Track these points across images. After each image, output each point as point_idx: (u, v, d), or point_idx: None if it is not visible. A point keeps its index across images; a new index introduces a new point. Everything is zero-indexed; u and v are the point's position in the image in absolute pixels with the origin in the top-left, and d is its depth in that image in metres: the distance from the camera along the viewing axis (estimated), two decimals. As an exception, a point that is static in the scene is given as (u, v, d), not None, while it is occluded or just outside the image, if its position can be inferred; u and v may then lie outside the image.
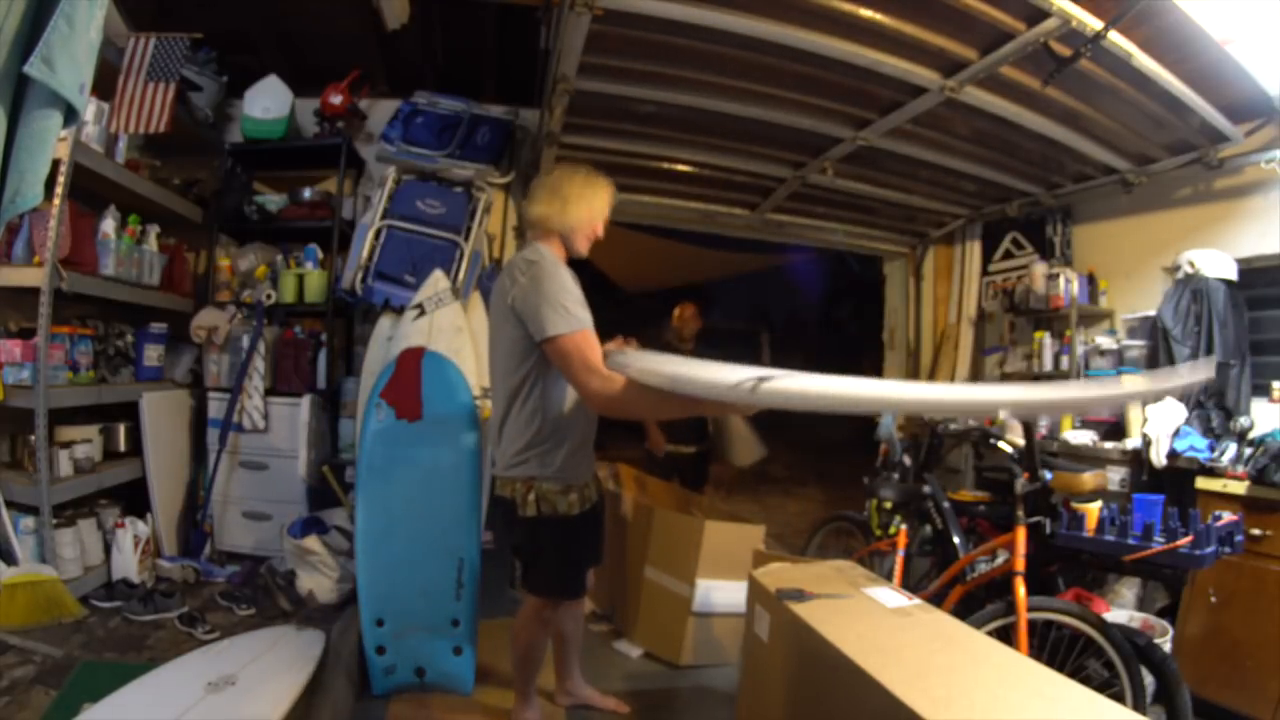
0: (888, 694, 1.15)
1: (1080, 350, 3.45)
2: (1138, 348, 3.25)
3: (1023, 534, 2.02)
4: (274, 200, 3.42)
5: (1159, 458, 2.71)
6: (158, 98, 2.75)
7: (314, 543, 2.69)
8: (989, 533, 2.55)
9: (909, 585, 2.50)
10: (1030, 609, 1.91)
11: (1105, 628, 1.82)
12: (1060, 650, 1.90)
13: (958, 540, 2.46)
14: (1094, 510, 2.06)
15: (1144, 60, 2.34)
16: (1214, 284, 2.91)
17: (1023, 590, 1.92)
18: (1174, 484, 2.60)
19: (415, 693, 2.27)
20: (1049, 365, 3.57)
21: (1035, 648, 1.90)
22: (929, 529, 2.61)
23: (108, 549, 2.69)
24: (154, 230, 3.07)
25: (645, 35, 2.35)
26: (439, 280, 2.78)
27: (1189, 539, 1.83)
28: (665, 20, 2.20)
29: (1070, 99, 2.67)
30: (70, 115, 1.28)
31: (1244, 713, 2.28)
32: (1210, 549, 1.83)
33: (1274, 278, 2.94)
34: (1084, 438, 3.17)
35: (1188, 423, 2.76)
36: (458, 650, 2.24)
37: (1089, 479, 2.54)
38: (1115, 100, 2.67)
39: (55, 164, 2.08)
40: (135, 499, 2.92)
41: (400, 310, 2.88)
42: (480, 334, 2.71)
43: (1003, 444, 2.47)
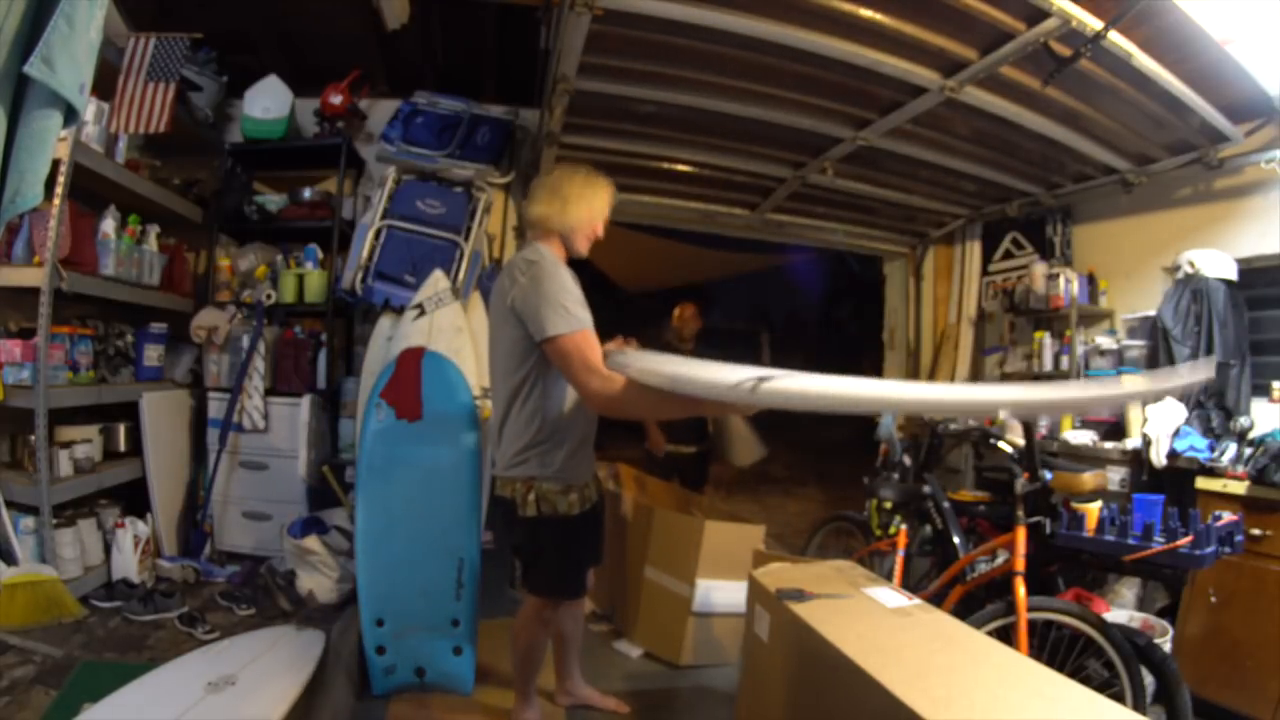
0: (888, 694, 1.15)
1: (1080, 350, 3.45)
2: (1138, 348, 3.25)
3: (1023, 534, 2.02)
4: (274, 200, 3.42)
5: (1159, 458, 2.71)
6: (158, 98, 2.75)
7: (314, 543, 2.69)
8: (989, 533, 2.55)
9: (909, 585, 2.50)
10: (1030, 609, 1.91)
11: (1105, 628, 1.82)
12: (1060, 650, 1.90)
13: (958, 540, 2.46)
14: (1094, 510, 2.06)
15: (1144, 60, 2.34)
16: (1214, 284, 2.91)
17: (1023, 590, 1.92)
18: (1174, 484, 2.61)
19: (415, 693, 2.27)
20: (1049, 365, 3.57)
21: (1035, 648, 1.90)
22: (929, 529, 2.61)
23: (108, 549, 2.69)
24: (154, 230, 3.07)
25: (645, 35, 2.35)
26: (439, 280, 2.78)
27: (1189, 539, 1.83)
28: (665, 20, 2.20)
29: (1070, 99, 2.67)
30: (70, 115, 1.28)
31: (1244, 713, 2.28)
32: (1210, 549, 1.83)
33: (1274, 278, 2.94)
34: (1084, 438, 3.17)
35: (1188, 423, 2.76)
36: (458, 650, 2.24)
37: (1089, 479, 2.54)
38: (1115, 100, 2.67)
39: (55, 164, 2.07)
40: (135, 499, 2.92)
41: (400, 310, 2.88)
42: (480, 334, 2.71)
43: (1003, 444, 2.47)
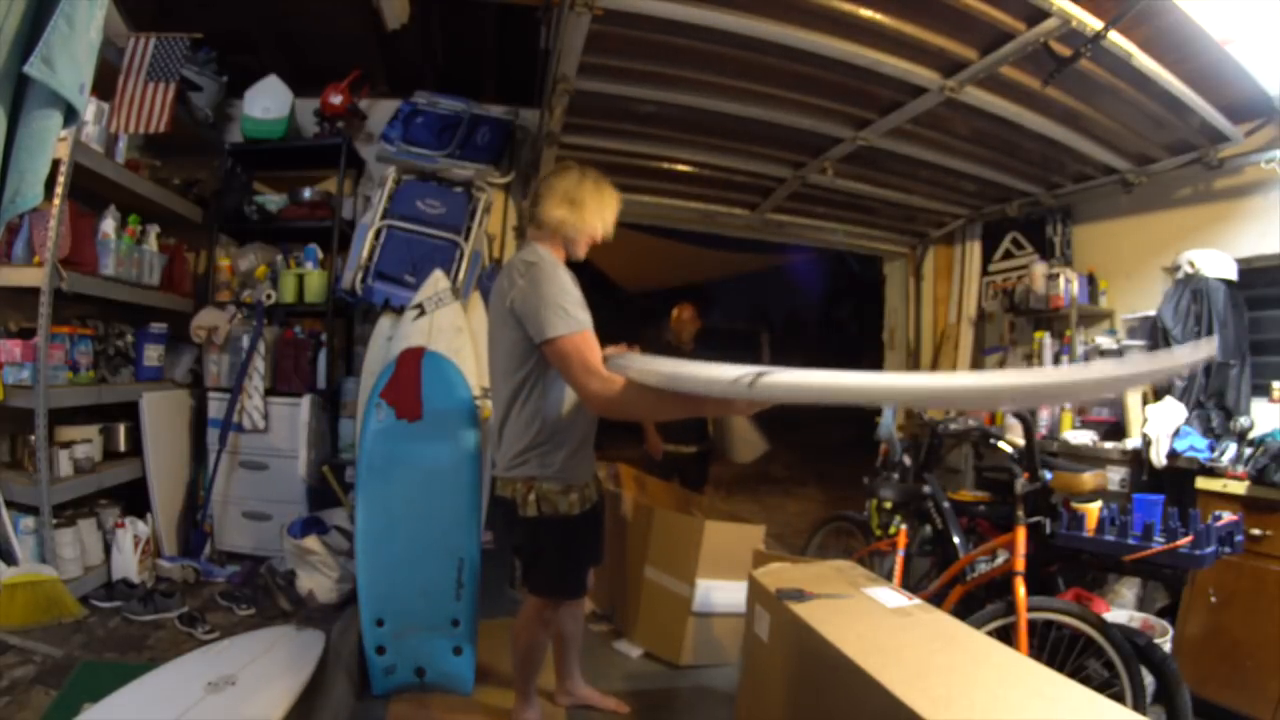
0: (888, 694, 1.15)
1: (1080, 350, 3.45)
2: (1138, 348, 3.25)
3: (1023, 534, 2.02)
4: (274, 200, 3.41)
5: (1159, 458, 2.71)
6: (158, 98, 2.75)
7: (314, 543, 2.69)
8: (989, 533, 2.55)
9: (909, 585, 2.50)
10: (1030, 609, 1.91)
11: (1105, 628, 1.82)
12: (1060, 650, 1.90)
13: (958, 540, 2.46)
14: (1094, 510, 2.06)
15: (1144, 60, 2.34)
16: (1214, 284, 2.91)
17: (1023, 590, 1.92)
18: (1174, 484, 2.61)
19: (415, 693, 2.27)
20: (1049, 365, 3.56)
21: (1035, 648, 1.90)
22: (929, 529, 2.60)
23: (108, 549, 2.69)
24: (154, 230, 3.07)
25: (645, 35, 2.34)
26: (439, 280, 2.78)
27: (1189, 539, 1.83)
28: (665, 20, 2.19)
29: (1070, 99, 2.67)
30: (70, 115, 1.28)
31: (1244, 713, 2.28)
32: (1210, 549, 1.83)
33: (1274, 278, 2.94)
34: (1084, 438, 3.17)
35: (1188, 423, 2.76)
36: (458, 650, 2.24)
37: (1089, 479, 2.54)
38: (1115, 100, 2.67)
39: (55, 164, 2.07)
40: (135, 499, 2.92)
41: (400, 310, 2.88)
42: (480, 334, 2.70)
43: (1003, 444, 2.47)
